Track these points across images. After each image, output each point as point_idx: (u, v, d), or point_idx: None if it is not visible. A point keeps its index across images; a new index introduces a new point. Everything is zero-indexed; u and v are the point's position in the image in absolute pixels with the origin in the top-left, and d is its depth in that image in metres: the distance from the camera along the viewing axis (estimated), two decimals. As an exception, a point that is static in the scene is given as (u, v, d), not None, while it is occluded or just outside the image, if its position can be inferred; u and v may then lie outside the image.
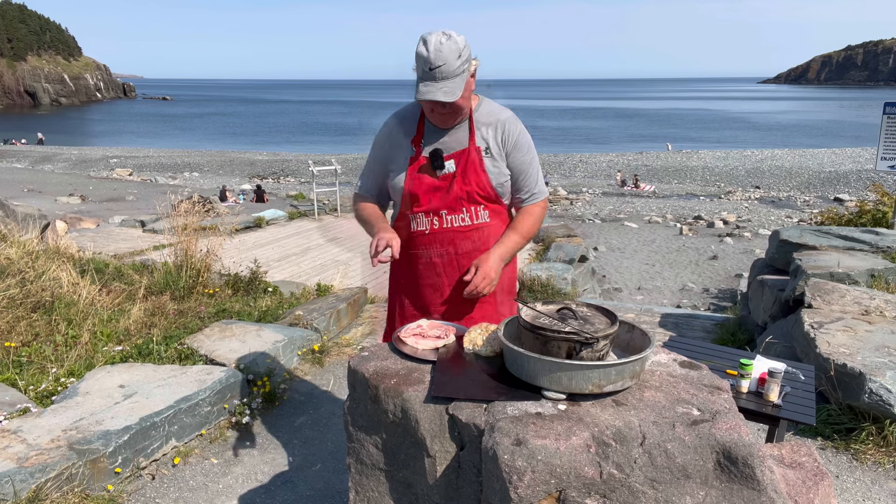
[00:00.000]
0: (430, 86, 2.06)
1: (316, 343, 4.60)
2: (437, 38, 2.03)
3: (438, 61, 2.02)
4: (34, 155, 38.71)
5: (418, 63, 2.06)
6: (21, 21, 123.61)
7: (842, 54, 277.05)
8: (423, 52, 2.04)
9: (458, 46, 2.04)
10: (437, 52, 2.02)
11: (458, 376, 1.75)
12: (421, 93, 2.07)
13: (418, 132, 2.29)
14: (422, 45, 2.05)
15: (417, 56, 2.06)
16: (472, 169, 2.26)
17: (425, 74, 2.05)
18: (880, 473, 3.14)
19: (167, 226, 6.54)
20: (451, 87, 2.07)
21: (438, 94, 2.06)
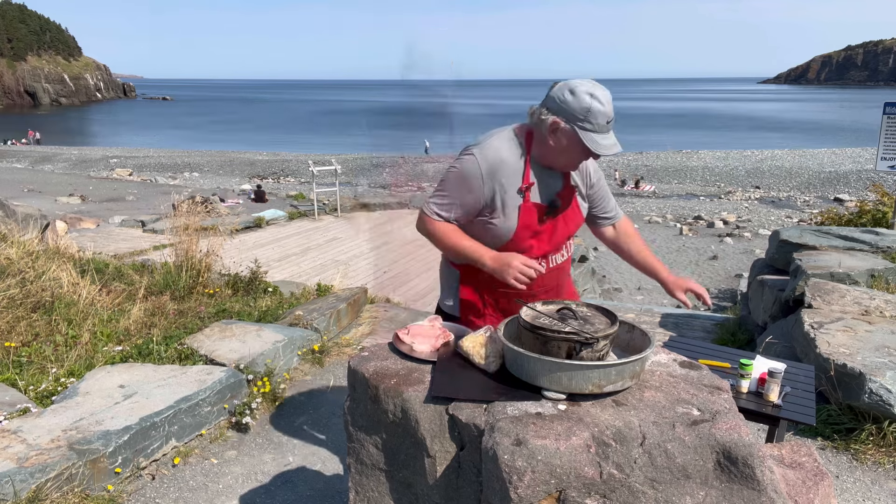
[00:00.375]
0: (608, 138, 2.06)
1: (316, 343, 4.60)
2: (601, 90, 2.03)
3: (612, 114, 2.04)
4: (34, 155, 38.72)
5: (592, 116, 2.01)
6: (21, 21, 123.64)
7: (842, 54, 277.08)
8: (599, 106, 2.01)
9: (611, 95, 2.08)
10: (609, 103, 2.04)
11: (458, 376, 1.75)
12: (604, 147, 2.04)
13: (526, 177, 2.18)
14: (591, 98, 2.01)
15: (591, 110, 2.00)
16: (572, 209, 2.30)
17: (601, 128, 2.03)
18: (880, 473, 3.14)
19: (167, 226, 6.54)
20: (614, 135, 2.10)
21: (618, 146, 2.08)
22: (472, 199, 2.18)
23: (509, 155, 2.17)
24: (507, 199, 2.18)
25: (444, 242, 2.26)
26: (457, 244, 2.22)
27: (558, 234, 2.28)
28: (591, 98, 2.01)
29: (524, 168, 2.17)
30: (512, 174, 2.17)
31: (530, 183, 2.18)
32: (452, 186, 2.20)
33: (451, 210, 2.22)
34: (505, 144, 2.18)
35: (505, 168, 2.16)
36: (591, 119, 2.01)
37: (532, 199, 2.19)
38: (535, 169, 2.19)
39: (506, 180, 2.16)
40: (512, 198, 2.18)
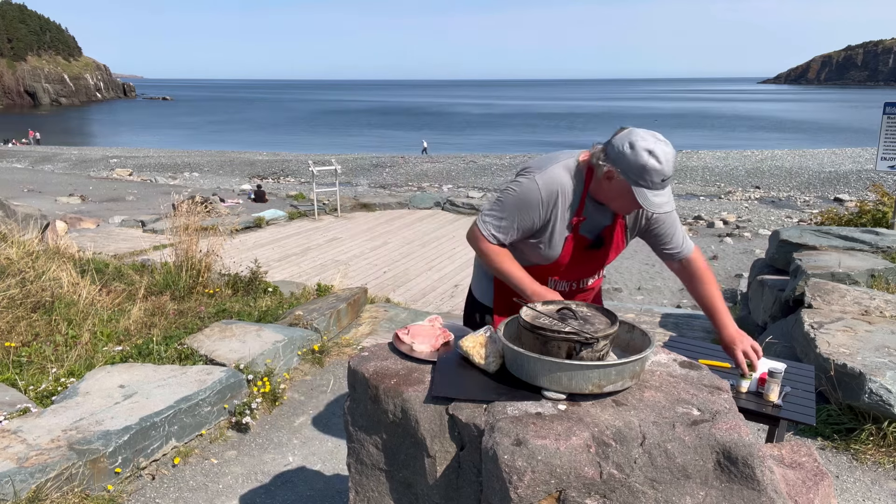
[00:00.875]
0: (661, 196, 2.03)
1: (316, 343, 4.60)
2: (662, 148, 1.99)
3: (670, 172, 2.01)
4: (34, 155, 38.71)
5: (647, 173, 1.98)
6: (21, 21, 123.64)
7: (842, 54, 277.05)
8: (656, 165, 1.97)
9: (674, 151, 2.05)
10: (668, 163, 2.00)
11: (458, 376, 1.75)
12: (656, 204, 2.02)
13: (579, 211, 2.21)
14: (649, 156, 1.98)
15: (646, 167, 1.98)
16: (616, 242, 2.32)
17: (656, 185, 2.01)
18: (880, 473, 3.14)
19: (167, 226, 6.54)
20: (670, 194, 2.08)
21: (670, 205, 2.06)
22: (529, 224, 2.20)
23: (568, 187, 2.18)
24: (556, 229, 2.21)
25: (494, 264, 2.28)
26: (507, 271, 2.24)
27: (596, 262, 2.35)
28: (648, 155, 1.97)
29: (580, 203, 2.19)
30: (568, 206, 2.19)
31: (583, 218, 2.21)
32: (511, 209, 2.20)
33: (507, 233, 2.23)
34: (566, 175, 2.18)
35: (562, 199, 2.17)
36: (645, 177, 1.99)
37: (581, 231, 2.23)
38: (589, 204, 2.21)
39: (561, 211, 2.18)
40: (562, 228, 2.21)
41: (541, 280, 2.30)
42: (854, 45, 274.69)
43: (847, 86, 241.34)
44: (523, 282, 2.21)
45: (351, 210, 14.62)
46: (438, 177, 29.02)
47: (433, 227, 13.09)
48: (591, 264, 2.36)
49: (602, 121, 73.10)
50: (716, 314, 2.39)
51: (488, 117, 79.13)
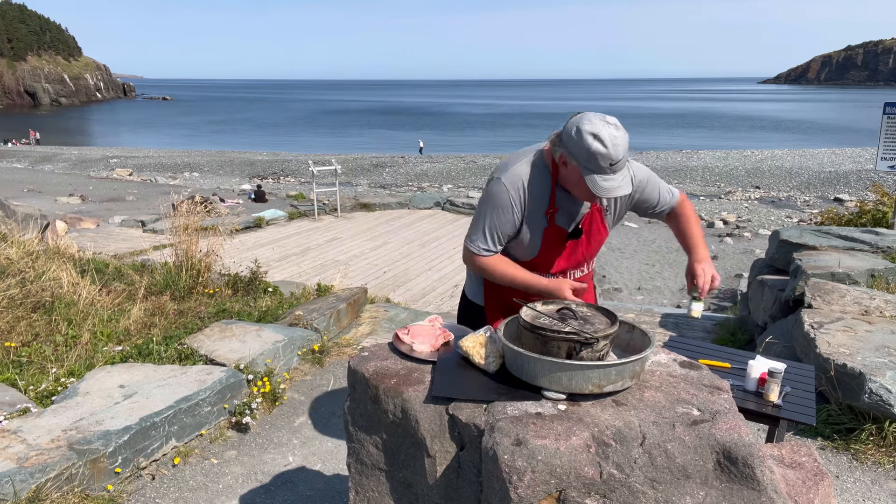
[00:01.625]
0: (610, 180, 2.00)
1: (316, 343, 4.60)
2: (609, 131, 1.96)
3: (619, 156, 1.97)
4: (34, 155, 38.71)
5: (593, 158, 1.97)
6: (21, 21, 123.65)
7: (842, 54, 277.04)
8: (601, 149, 1.95)
9: (626, 135, 2.01)
10: (616, 147, 1.96)
11: (458, 376, 1.75)
12: (605, 189, 2.00)
13: (551, 202, 2.21)
14: (595, 141, 1.95)
15: (593, 152, 1.95)
16: (596, 229, 2.31)
17: (603, 170, 1.99)
18: (880, 473, 3.14)
19: (167, 226, 6.54)
20: (628, 175, 2.06)
21: (624, 189, 2.03)
22: (510, 225, 2.21)
23: (535, 179, 2.18)
24: (532, 222, 2.21)
25: (497, 275, 2.28)
26: (512, 277, 2.25)
27: (579, 252, 2.33)
28: (594, 139, 1.95)
29: (550, 194, 2.19)
30: (538, 198, 2.19)
31: (555, 208, 2.20)
32: (488, 217, 2.22)
33: (494, 239, 2.24)
34: (530, 168, 2.19)
35: (531, 192, 2.18)
36: (592, 161, 1.98)
37: (557, 222, 2.23)
38: (560, 193, 2.20)
39: (532, 204, 2.19)
40: (537, 221, 2.21)
41: None
42: (854, 45, 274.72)
43: (847, 86, 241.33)
44: (532, 284, 2.22)
45: (351, 210, 14.62)
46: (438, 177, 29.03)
47: (433, 227, 13.10)
48: (574, 256, 2.34)
49: (602, 121, 73.01)
50: (689, 238, 2.42)
51: (488, 117, 79.15)
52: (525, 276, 2.24)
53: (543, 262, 2.30)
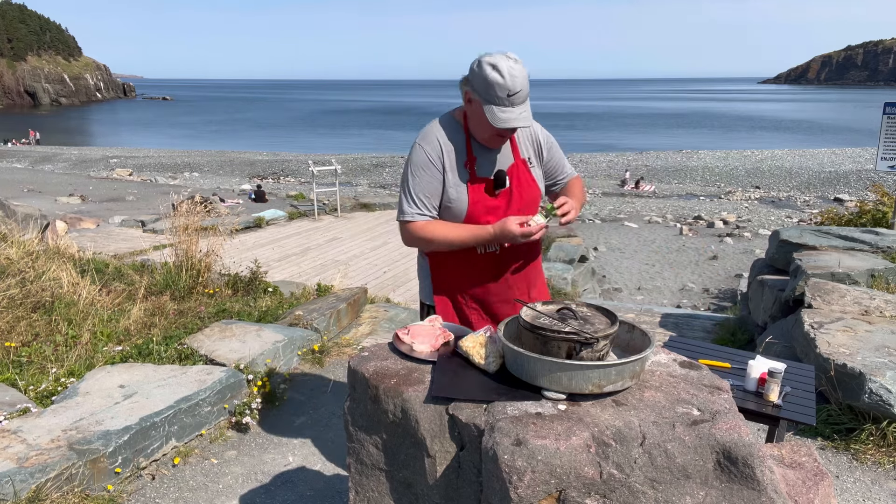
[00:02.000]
0: (508, 112, 2.04)
1: (316, 343, 4.60)
2: (507, 63, 2.00)
3: (516, 87, 2.01)
4: (34, 155, 38.71)
5: (490, 89, 2.01)
6: (21, 21, 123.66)
7: (842, 54, 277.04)
8: (499, 78, 1.99)
9: (527, 71, 2.05)
10: (513, 77, 2.00)
11: (458, 376, 1.75)
12: (502, 119, 2.03)
13: (469, 154, 2.23)
14: (493, 71, 2.00)
15: (490, 83, 2.00)
16: (525, 180, 2.31)
17: (501, 101, 2.02)
18: (880, 473, 3.14)
19: (167, 226, 6.54)
20: (527, 111, 2.08)
21: (521, 121, 2.05)
22: (435, 183, 2.24)
23: (449, 136, 2.24)
24: (455, 179, 2.23)
25: (438, 240, 2.27)
26: (454, 236, 2.25)
27: (513, 208, 2.28)
28: (492, 69, 2.00)
29: (465, 146, 2.23)
30: (456, 154, 2.23)
31: (473, 158, 2.23)
32: (414, 181, 2.24)
33: (422, 203, 2.24)
34: (443, 128, 2.25)
35: (447, 149, 2.22)
36: (490, 92, 2.02)
37: (479, 174, 2.24)
38: (476, 145, 2.24)
39: (451, 161, 2.23)
40: (459, 175, 2.24)
41: None
42: (854, 45, 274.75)
43: (847, 86, 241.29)
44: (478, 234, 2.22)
45: (351, 210, 14.62)
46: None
47: (433, 227, 13.07)
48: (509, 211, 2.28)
49: (602, 121, 73.08)
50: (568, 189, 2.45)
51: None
52: (466, 230, 2.24)
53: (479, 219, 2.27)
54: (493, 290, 2.37)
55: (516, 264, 2.37)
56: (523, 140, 2.34)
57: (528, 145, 2.35)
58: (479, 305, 2.41)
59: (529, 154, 2.34)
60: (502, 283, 2.36)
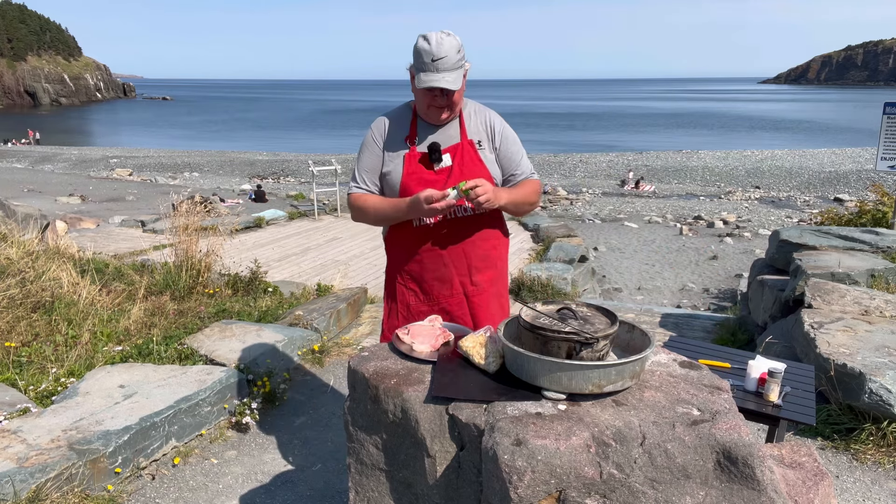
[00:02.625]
0: (432, 75, 2.16)
1: (316, 343, 4.60)
2: (438, 35, 2.16)
3: (441, 53, 2.14)
4: (34, 155, 38.71)
5: (419, 57, 2.17)
6: (21, 21, 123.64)
7: (842, 54, 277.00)
8: (425, 45, 2.15)
9: (458, 42, 2.18)
10: (439, 44, 2.14)
11: (458, 376, 1.75)
12: (423, 81, 2.16)
13: (412, 131, 2.36)
14: (422, 40, 2.17)
15: (419, 50, 2.17)
16: (470, 159, 2.36)
17: (427, 66, 2.16)
18: (880, 473, 3.14)
19: (167, 226, 6.54)
20: (453, 77, 2.18)
21: (442, 82, 2.15)
22: (375, 159, 2.40)
23: (398, 115, 2.42)
24: (395, 150, 2.37)
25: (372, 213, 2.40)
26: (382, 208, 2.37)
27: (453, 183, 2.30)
28: (422, 40, 2.17)
29: (410, 124, 2.37)
30: (399, 129, 2.39)
31: (415, 134, 2.36)
32: (359, 160, 2.45)
33: (363, 178, 2.42)
34: (395, 111, 2.45)
35: (392, 128, 2.40)
36: (419, 59, 2.18)
37: (419, 149, 2.35)
38: (422, 124, 2.37)
39: (394, 135, 2.39)
40: (399, 148, 2.36)
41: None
42: (854, 45, 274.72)
43: (847, 86, 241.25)
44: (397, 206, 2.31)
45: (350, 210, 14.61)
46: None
47: (433, 227, 13.07)
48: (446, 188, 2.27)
49: (602, 121, 73.08)
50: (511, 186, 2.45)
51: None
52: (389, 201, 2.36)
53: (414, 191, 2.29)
54: (427, 265, 2.41)
55: (451, 240, 2.39)
56: (475, 123, 2.41)
57: (481, 129, 2.41)
58: (416, 285, 2.46)
59: (480, 137, 2.40)
60: (436, 259, 2.40)
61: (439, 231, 2.37)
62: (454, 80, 2.19)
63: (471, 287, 2.43)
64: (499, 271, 2.53)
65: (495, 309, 2.48)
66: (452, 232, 2.38)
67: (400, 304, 2.49)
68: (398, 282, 2.49)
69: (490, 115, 2.46)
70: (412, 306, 2.46)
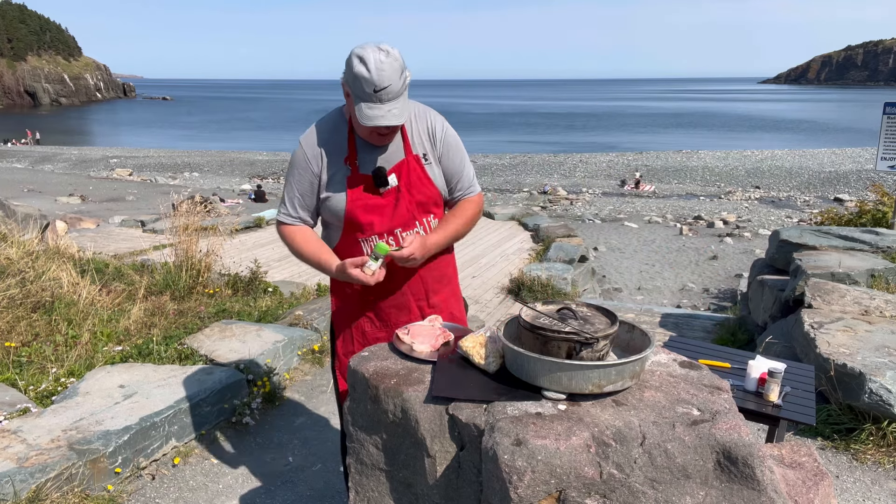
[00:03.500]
0: (376, 108, 1.91)
1: (316, 343, 4.60)
2: (376, 55, 1.87)
3: (383, 83, 1.87)
4: (34, 155, 38.72)
5: (357, 82, 1.89)
6: (21, 21, 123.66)
7: (842, 54, 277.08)
8: (364, 72, 1.87)
9: (400, 63, 1.91)
10: (380, 72, 1.87)
11: (458, 376, 1.75)
12: (368, 117, 1.91)
13: (350, 150, 2.10)
14: (359, 63, 1.88)
15: (356, 76, 1.88)
16: (416, 178, 2.15)
17: (368, 97, 1.90)
18: (880, 473, 3.14)
19: (167, 226, 6.54)
20: (399, 108, 1.94)
21: (389, 119, 1.92)
22: (308, 184, 2.14)
23: (332, 131, 2.12)
24: (334, 174, 2.11)
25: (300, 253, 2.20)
26: (311, 255, 2.18)
27: (402, 207, 2.14)
28: (359, 62, 1.88)
29: (347, 142, 2.11)
30: (337, 149, 2.11)
31: (354, 154, 2.11)
32: (289, 183, 2.18)
33: (293, 204, 2.19)
34: (327, 124, 2.14)
35: (328, 145, 2.11)
36: (358, 86, 1.90)
37: (361, 170, 2.11)
38: (360, 141, 2.11)
39: (331, 156, 2.11)
40: (339, 171, 2.11)
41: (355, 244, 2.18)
42: (854, 45, 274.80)
43: (847, 86, 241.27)
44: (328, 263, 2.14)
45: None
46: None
47: (433, 226, 13.07)
48: (398, 212, 2.14)
49: (602, 121, 73.10)
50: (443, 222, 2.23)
51: (488, 117, 79.13)
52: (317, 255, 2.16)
53: (360, 219, 2.13)
54: (385, 294, 2.23)
55: (408, 269, 2.19)
56: (417, 133, 2.16)
57: (424, 138, 2.16)
58: (372, 312, 2.28)
59: (425, 150, 2.16)
60: (394, 289, 2.22)
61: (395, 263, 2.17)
62: (400, 111, 1.94)
63: (428, 310, 2.27)
64: (452, 288, 2.39)
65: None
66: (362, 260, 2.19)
67: (355, 329, 2.33)
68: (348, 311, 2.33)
69: (431, 118, 2.20)
70: (368, 333, 2.31)
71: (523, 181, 28.74)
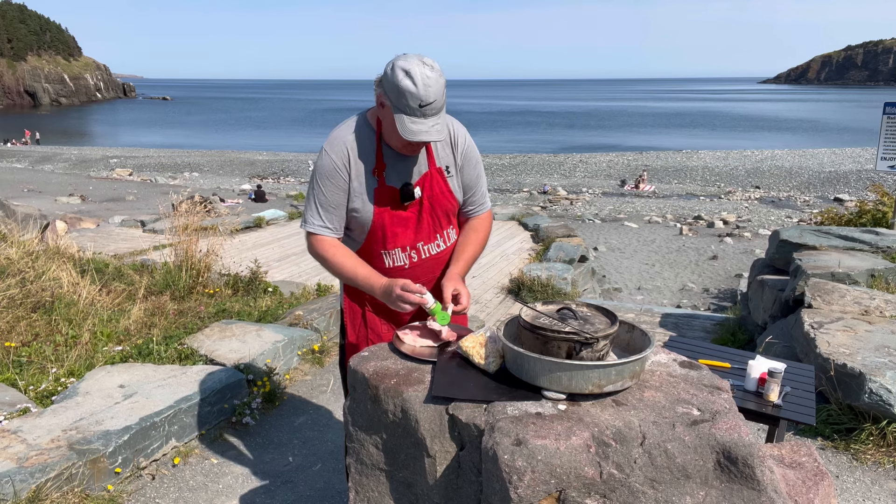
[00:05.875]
0: (419, 123, 1.91)
1: (316, 343, 4.60)
2: (422, 70, 1.87)
3: (429, 98, 1.88)
4: (34, 155, 38.72)
5: (402, 96, 1.88)
6: (21, 21, 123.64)
7: (842, 54, 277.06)
8: (410, 86, 1.86)
9: (444, 79, 1.93)
10: (427, 87, 1.87)
11: (458, 376, 1.75)
12: (412, 132, 1.91)
13: (378, 161, 2.09)
14: (405, 77, 1.87)
15: (402, 90, 1.87)
16: (439, 192, 2.17)
17: (413, 111, 1.89)
18: (880, 473, 3.14)
19: (167, 226, 6.54)
20: (441, 123, 1.95)
21: (433, 135, 1.93)
22: (341, 191, 2.10)
23: (359, 139, 2.09)
24: (362, 184, 2.09)
25: (337, 268, 2.14)
26: (351, 272, 2.12)
27: (424, 220, 2.16)
28: (404, 76, 1.86)
29: (375, 151, 2.09)
30: (364, 157, 2.09)
31: (382, 165, 2.09)
32: (318, 192, 2.12)
33: (330, 214, 2.12)
34: (352, 131, 2.10)
35: (356, 152, 2.08)
36: (402, 100, 1.89)
37: (388, 182, 2.10)
38: (387, 150, 2.10)
39: (359, 165, 2.08)
40: (367, 182, 2.09)
41: (373, 255, 2.16)
42: (854, 45, 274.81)
43: (847, 86, 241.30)
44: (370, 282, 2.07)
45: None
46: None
47: (433, 227, 13.06)
48: (421, 227, 2.16)
49: (602, 120, 73.10)
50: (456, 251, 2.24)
51: (488, 116, 79.11)
52: (360, 271, 2.09)
53: (385, 233, 2.13)
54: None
55: (425, 279, 2.19)
56: (441, 145, 2.17)
57: (448, 152, 2.18)
58: (387, 318, 2.28)
59: (448, 162, 2.18)
60: None
61: (414, 272, 2.20)
62: (442, 127, 1.95)
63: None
64: None
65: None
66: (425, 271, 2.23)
67: (371, 331, 2.31)
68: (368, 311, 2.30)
69: (454, 128, 2.19)
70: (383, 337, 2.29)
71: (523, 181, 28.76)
